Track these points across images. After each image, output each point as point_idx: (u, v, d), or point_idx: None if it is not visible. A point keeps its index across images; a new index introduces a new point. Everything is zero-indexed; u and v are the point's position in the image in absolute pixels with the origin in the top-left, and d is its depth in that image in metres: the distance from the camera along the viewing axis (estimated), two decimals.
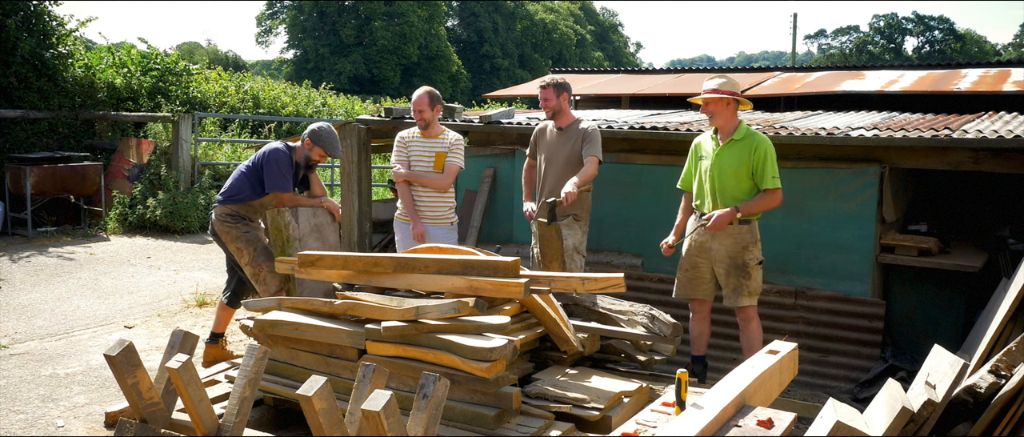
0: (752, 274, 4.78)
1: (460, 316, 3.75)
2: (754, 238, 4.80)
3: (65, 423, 4.46)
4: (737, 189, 4.77)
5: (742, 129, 4.82)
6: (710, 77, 4.92)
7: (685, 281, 5.00)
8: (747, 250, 4.78)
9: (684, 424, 2.49)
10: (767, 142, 4.77)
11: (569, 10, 57.88)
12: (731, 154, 4.78)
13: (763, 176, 4.71)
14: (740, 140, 4.78)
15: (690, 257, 4.96)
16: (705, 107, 4.82)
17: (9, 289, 7.58)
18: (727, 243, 4.79)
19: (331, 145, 5.30)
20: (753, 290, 4.80)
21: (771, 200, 4.74)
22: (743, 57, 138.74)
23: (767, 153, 4.72)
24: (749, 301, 4.81)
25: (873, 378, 5.34)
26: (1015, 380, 2.92)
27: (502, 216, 7.07)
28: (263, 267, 5.15)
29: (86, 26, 12.81)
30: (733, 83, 4.82)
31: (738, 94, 4.81)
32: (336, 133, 5.35)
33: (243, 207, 5.25)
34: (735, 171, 4.76)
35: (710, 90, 4.79)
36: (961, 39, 56.42)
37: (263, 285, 5.18)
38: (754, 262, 4.79)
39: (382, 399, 2.72)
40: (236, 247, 5.20)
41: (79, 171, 10.86)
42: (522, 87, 11.77)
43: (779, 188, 4.73)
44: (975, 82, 7.97)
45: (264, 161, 5.18)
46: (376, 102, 26.76)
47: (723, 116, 4.79)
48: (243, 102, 16.24)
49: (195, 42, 52.63)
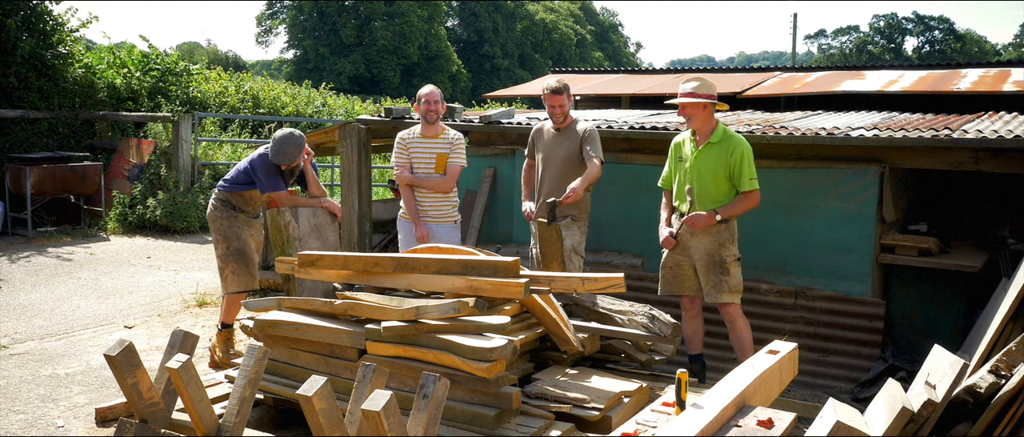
0: (730, 270, 4.83)
1: (460, 316, 3.75)
2: (731, 235, 4.87)
3: (65, 423, 4.46)
4: (716, 191, 4.84)
5: (719, 131, 4.86)
6: (685, 79, 4.94)
7: (669, 279, 5.06)
8: (724, 247, 4.83)
9: (684, 424, 2.49)
10: (744, 144, 4.82)
11: (569, 10, 57.87)
12: (709, 157, 4.83)
13: (740, 178, 4.77)
14: (717, 143, 4.83)
15: (672, 256, 5.02)
16: (682, 110, 4.87)
17: (9, 289, 7.58)
18: (705, 240, 4.85)
19: (278, 151, 5.16)
20: (733, 286, 4.85)
21: (749, 202, 4.81)
22: (743, 57, 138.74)
23: (743, 155, 4.76)
24: (730, 298, 4.85)
25: (873, 378, 5.34)
26: (1015, 380, 2.92)
27: (502, 216, 7.07)
28: (228, 265, 5.29)
29: (87, 26, 12.80)
30: (708, 85, 4.85)
31: (713, 97, 4.85)
32: (293, 139, 5.20)
33: (235, 196, 5.37)
34: (713, 174, 4.82)
35: (686, 93, 4.83)
36: (961, 39, 56.41)
37: (224, 281, 5.33)
38: (731, 258, 4.84)
39: (382, 399, 2.72)
40: (215, 236, 5.35)
41: (79, 171, 10.86)
42: (522, 87, 11.77)
43: (756, 189, 4.79)
44: (975, 82, 7.97)
45: (251, 168, 5.29)
46: (376, 102, 26.74)
47: (700, 119, 4.84)
48: (243, 102, 16.24)
49: (195, 42, 52.64)
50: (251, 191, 5.35)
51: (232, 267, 5.26)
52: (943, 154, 5.39)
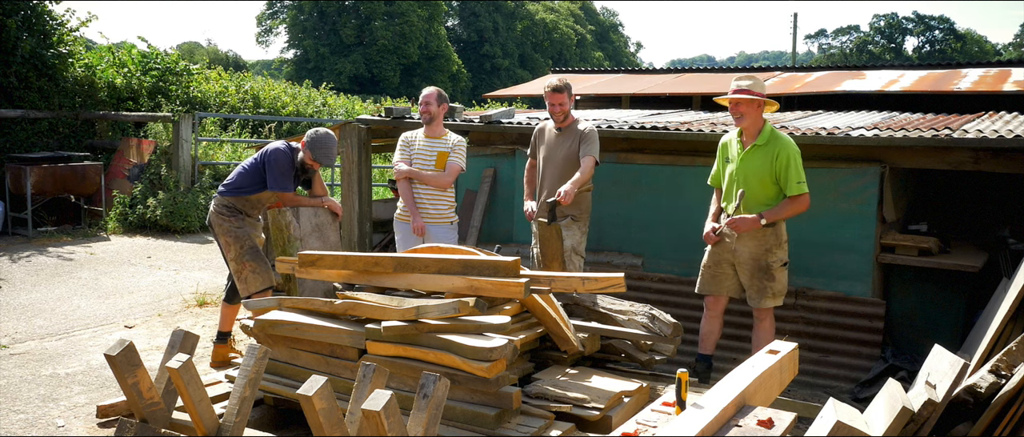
0: (776, 276, 4.76)
1: (460, 316, 3.75)
2: (778, 240, 4.78)
3: (65, 423, 4.46)
4: (762, 194, 4.75)
5: (766, 132, 4.76)
6: (738, 76, 4.87)
7: (709, 277, 4.98)
8: (771, 252, 4.75)
9: (684, 424, 2.49)
10: (791, 146, 4.71)
11: (569, 10, 57.85)
12: (755, 159, 4.74)
13: (787, 182, 4.67)
14: (763, 145, 4.73)
15: (714, 255, 4.94)
16: (734, 108, 4.75)
17: (9, 289, 7.58)
18: (751, 245, 4.77)
19: (322, 153, 5.16)
20: (777, 292, 4.79)
21: (796, 206, 4.70)
22: (743, 57, 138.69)
23: (790, 158, 4.66)
24: (773, 302, 4.80)
25: (873, 378, 5.33)
26: (1015, 380, 2.92)
27: (502, 216, 7.07)
28: (246, 265, 5.16)
29: (87, 26, 12.81)
30: (760, 84, 4.75)
31: (765, 95, 4.76)
32: (334, 140, 5.25)
33: (241, 201, 5.27)
34: (759, 177, 4.72)
35: (741, 90, 4.71)
36: (961, 39, 56.38)
37: (244, 283, 5.18)
38: (778, 264, 4.77)
39: (382, 399, 2.72)
40: (225, 240, 5.21)
41: (79, 171, 10.86)
42: (522, 87, 11.77)
43: (805, 193, 4.68)
44: (975, 82, 7.97)
45: (265, 160, 5.19)
46: (376, 102, 26.74)
47: (751, 117, 4.73)
48: (243, 102, 16.24)
49: (195, 42, 52.64)
50: (257, 195, 5.25)
51: (251, 266, 5.15)
52: (943, 154, 5.39)
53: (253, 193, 5.25)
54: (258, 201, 5.31)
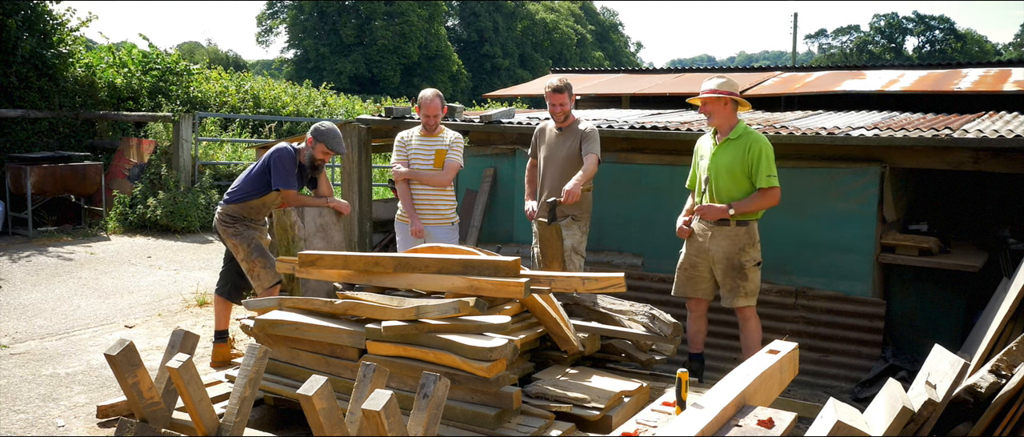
0: (749, 275, 4.79)
1: (460, 316, 3.75)
2: (751, 240, 4.81)
3: (65, 423, 4.46)
4: (733, 188, 4.79)
5: (739, 128, 4.83)
6: (709, 77, 4.94)
7: (684, 280, 5.03)
8: (744, 251, 4.79)
9: (684, 424, 2.49)
10: (763, 141, 4.77)
11: (569, 10, 57.84)
12: (727, 153, 4.80)
13: (758, 174, 4.72)
14: (736, 139, 4.80)
15: (689, 257, 4.99)
16: (703, 107, 4.85)
17: (9, 289, 7.58)
18: (724, 244, 4.81)
19: (334, 141, 5.31)
20: (750, 291, 4.81)
21: (767, 199, 4.74)
22: (743, 57, 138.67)
23: (762, 151, 4.72)
24: (746, 302, 4.83)
25: (873, 378, 5.33)
26: (1015, 380, 2.92)
27: (503, 216, 7.07)
28: (256, 263, 5.28)
29: (87, 25, 12.81)
30: (731, 83, 4.83)
31: (735, 94, 4.82)
32: (339, 131, 5.37)
33: (242, 207, 5.32)
34: (730, 170, 4.77)
35: (708, 90, 4.81)
36: (962, 39, 56.38)
37: (257, 280, 5.31)
38: (751, 264, 4.80)
39: (382, 399, 2.72)
40: (232, 244, 5.33)
41: (79, 171, 10.87)
42: (522, 87, 11.76)
43: (775, 187, 4.73)
44: (976, 82, 7.97)
45: (270, 159, 5.27)
46: (376, 102, 26.74)
47: (721, 116, 4.81)
48: (243, 102, 16.23)
49: (195, 42, 52.58)
50: (261, 199, 5.31)
51: (260, 263, 5.27)
52: (943, 154, 5.39)
53: (256, 197, 5.31)
54: (262, 205, 5.36)
